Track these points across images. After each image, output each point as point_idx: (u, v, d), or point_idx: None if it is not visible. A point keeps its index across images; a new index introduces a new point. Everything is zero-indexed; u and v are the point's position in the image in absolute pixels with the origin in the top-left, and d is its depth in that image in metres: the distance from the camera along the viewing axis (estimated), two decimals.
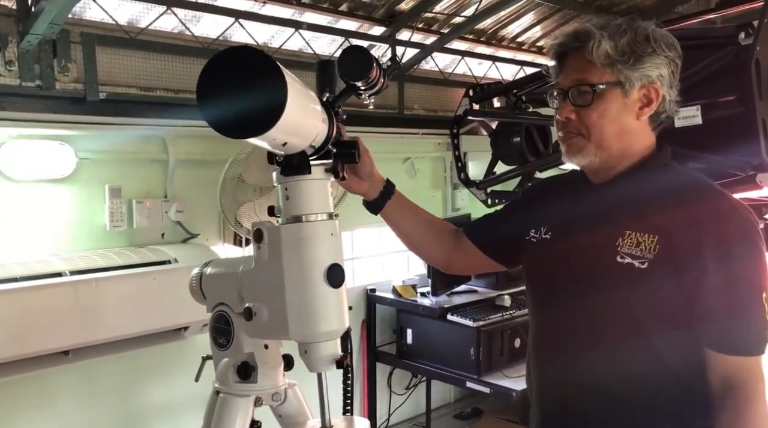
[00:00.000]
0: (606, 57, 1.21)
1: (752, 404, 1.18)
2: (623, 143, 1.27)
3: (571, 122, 1.27)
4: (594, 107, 1.24)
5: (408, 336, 3.34)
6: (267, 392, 1.43)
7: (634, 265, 1.21)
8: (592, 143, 1.26)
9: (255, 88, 1.07)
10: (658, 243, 1.20)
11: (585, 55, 1.23)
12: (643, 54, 1.21)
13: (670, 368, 1.24)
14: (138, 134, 2.58)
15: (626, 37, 1.21)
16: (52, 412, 2.41)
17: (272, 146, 1.18)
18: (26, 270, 2.13)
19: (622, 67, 1.21)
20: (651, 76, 1.22)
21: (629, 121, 1.25)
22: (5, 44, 2.12)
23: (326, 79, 1.36)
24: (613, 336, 1.26)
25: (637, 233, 1.22)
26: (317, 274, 1.23)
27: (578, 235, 1.32)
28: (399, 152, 3.69)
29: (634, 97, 1.24)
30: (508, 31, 3.83)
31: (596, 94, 1.23)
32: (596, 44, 1.21)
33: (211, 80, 1.10)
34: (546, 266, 1.40)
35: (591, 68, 1.23)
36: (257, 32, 2.83)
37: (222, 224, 2.86)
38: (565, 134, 1.30)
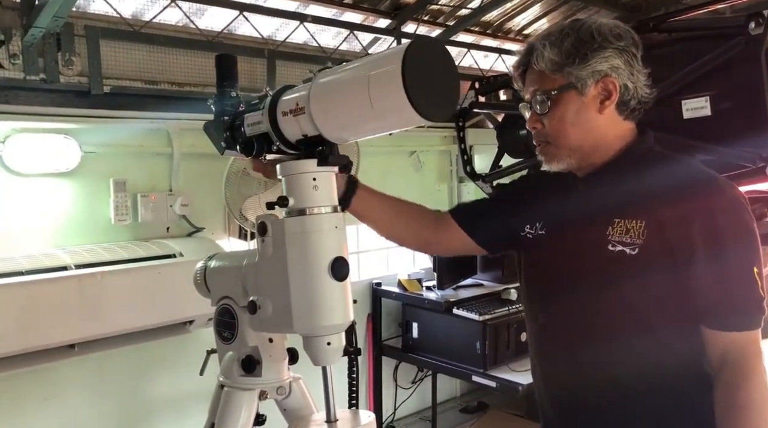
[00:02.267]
0: (552, 63, 1.26)
1: (748, 379, 1.19)
2: (593, 139, 1.30)
3: (538, 131, 1.32)
4: (552, 112, 1.28)
5: (414, 329, 3.33)
6: (271, 385, 1.43)
7: (625, 252, 1.24)
8: (560, 148, 1.30)
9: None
10: (645, 228, 1.23)
11: (534, 67, 1.29)
12: (588, 51, 1.24)
13: (673, 350, 1.25)
14: (142, 127, 2.58)
15: (569, 39, 1.25)
16: (58, 405, 2.41)
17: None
18: (32, 264, 2.13)
19: (570, 68, 1.25)
20: (602, 70, 1.25)
21: (592, 117, 1.28)
22: (9, 38, 2.11)
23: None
24: (614, 326, 1.28)
25: (625, 220, 1.25)
26: (321, 267, 1.22)
27: (570, 229, 1.34)
28: (404, 145, 3.67)
29: (591, 94, 1.26)
30: (515, 23, 3.81)
31: (551, 100, 1.27)
32: (539, 54, 1.27)
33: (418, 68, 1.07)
34: (544, 263, 1.41)
35: (543, 77, 1.28)
36: (262, 25, 2.82)
37: (227, 218, 2.86)
38: (538, 143, 1.34)
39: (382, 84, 1.07)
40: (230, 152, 1.40)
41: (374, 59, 1.13)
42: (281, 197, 1.26)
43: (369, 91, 1.08)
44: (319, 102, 1.18)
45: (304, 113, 1.19)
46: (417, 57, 1.05)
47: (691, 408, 1.28)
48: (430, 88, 1.08)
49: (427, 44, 1.13)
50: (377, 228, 1.56)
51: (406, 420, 3.73)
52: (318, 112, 1.18)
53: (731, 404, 1.19)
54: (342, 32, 3.12)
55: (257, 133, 1.30)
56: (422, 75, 1.05)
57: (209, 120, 1.44)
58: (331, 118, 1.19)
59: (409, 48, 1.05)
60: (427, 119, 1.07)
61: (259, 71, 2.79)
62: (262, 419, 1.45)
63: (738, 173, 1.87)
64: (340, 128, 1.21)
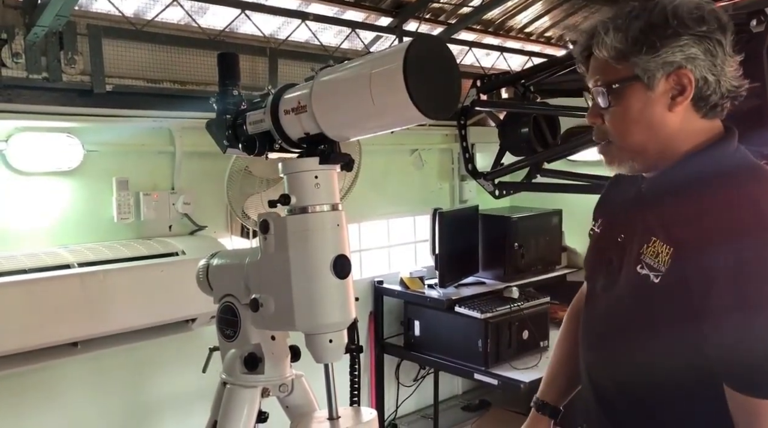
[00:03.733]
0: (615, 51, 1.09)
1: None
2: (660, 142, 1.12)
3: (598, 127, 1.17)
4: (615, 107, 1.12)
5: (416, 327, 3.34)
6: (274, 383, 1.44)
7: (649, 277, 1.11)
8: (621, 148, 1.15)
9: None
10: (671, 257, 1.07)
11: (597, 54, 1.13)
12: (660, 38, 1.06)
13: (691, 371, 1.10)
14: (145, 126, 2.59)
15: (638, 23, 1.08)
16: (62, 403, 2.42)
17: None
18: (35, 262, 2.14)
19: (636, 58, 1.08)
20: (675, 61, 1.06)
21: (661, 115, 1.10)
22: (12, 37, 2.11)
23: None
24: (635, 341, 1.18)
25: (660, 241, 1.10)
26: (323, 265, 1.23)
27: (617, 233, 1.22)
28: (406, 143, 3.67)
29: (660, 89, 1.08)
30: (516, 21, 3.80)
31: (613, 94, 1.11)
32: (601, 40, 1.10)
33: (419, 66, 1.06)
34: (590, 262, 1.34)
35: (606, 66, 1.12)
36: (264, 23, 2.82)
37: (229, 216, 2.86)
38: (598, 140, 1.19)
39: (384, 82, 1.07)
40: (232, 150, 1.41)
41: (376, 57, 1.14)
42: (283, 195, 1.26)
43: (371, 89, 1.09)
44: (321, 100, 1.18)
45: (306, 111, 1.20)
46: (419, 55, 1.05)
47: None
48: (432, 86, 1.08)
49: (429, 42, 1.14)
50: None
51: (408, 418, 3.74)
52: (320, 110, 1.18)
53: None
54: (344, 31, 3.12)
55: (259, 131, 1.31)
56: (424, 73, 1.06)
57: (211, 118, 1.45)
58: (333, 116, 1.19)
59: (410, 46, 1.05)
60: (429, 116, 1.08)
61: (261, 70, 2.79)
62: (265, 416, 1.46)
63: None
64: (342, 126, 1.21)
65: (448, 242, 3.18)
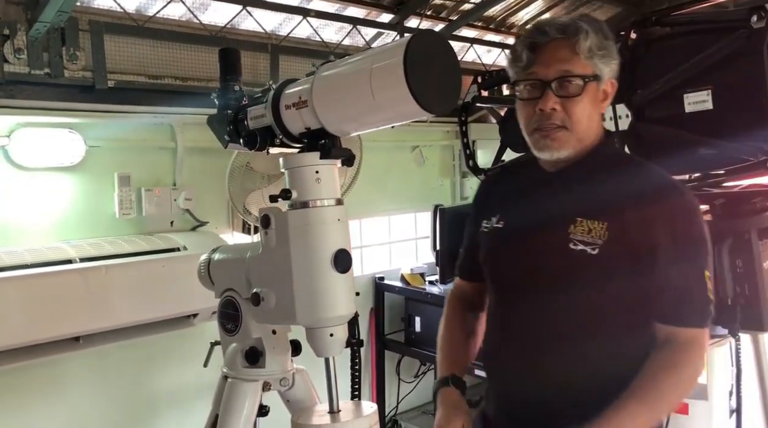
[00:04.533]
0: (589, 50, 1.24)
1: (686, 359, 1.23)
2: (591, 133, 1.31)
3: (556, 113, 1.26)
4: (580, 98, 1.26)
5: (416, 323, 3.34)
6: (275, 377, 1.44)
7: (586, 251, 1.24)
8: (573, 135, 1.28)
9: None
10: (607, 229, 1.23)
11: (570, 47, 1.24)
12: (610, 50, 1.28)
13: (626, 352, 1.27)
14: (146, 122, 2.59)
15: (601, 33, 1.27)
16: (64, 397, 2.43)
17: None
18: (37, 257, 2.15)
19: (598, 60, 1.26)
20: (614, 70, 1.30)
21: (597, 113, 1.32)
22: (14, 32, 2.12)
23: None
24: (571, 323, 1.28)
25: (588, 220, 1.25)
26: (324, 259, 1.23)
27: (531, 223, 1.34)
28: (407, 140, 3.68)
29: (601, 91, 1.29)
30: (517, 18, 3.80)
31: (585, 85, 1.25)
32: (585, 36, 1.24)
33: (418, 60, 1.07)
34: (501, 256, 1.40)
35: (575, 60, 1.25)
36: (265, 20, 2.83)
37: (230, 212, 2.87)
38: (546, 127, 1.27)
39: (384, 76, 1.08)
40: (234, 145, 1.41)
41: (376, 52, 1.14)
42: (284, 190, 1.27)
43: (371, 84, 1.09)
44: (322, 95, 1.19)
45: (306, 105, 1.21)
46: (419, 50, 1.06)
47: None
48: (432, 81, 1.08)
49: (430, 37, 1.14)
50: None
51: (408, 414, 3.75)
52: (320, 104, 1.19)
53: (665, 362, 1.22)
54: (345, 27, 3.12)
55: (260, 126, 1.31)
56: (424, 68, 1.06)
57: (213, 114, 1.45)
58: (334, 110, 1.20)
59: (411, 41, 1.06)
60: (429, 111, 1.08)
61: (262, 66, 2.80)
62: (266, 410, 1.47)
63: (740, 167, 1.88)
64: (343, 121, 1.22)
65: (449, 239, 3.18)
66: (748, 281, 1.99)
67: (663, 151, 1.90)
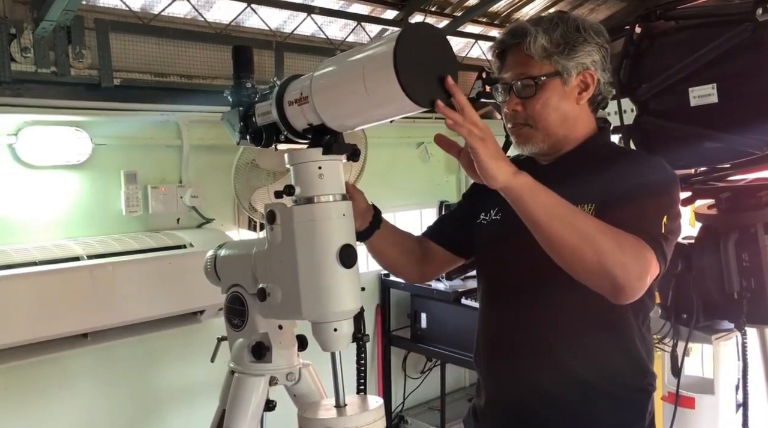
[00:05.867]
0: (542, 50, 1.30)
1: (631, 240, 1.15)
2: (567, 128, 1.35)
3: (518, 113, 1.35)
4: (537, 97, 1.32)
5: (422, 320, 3.35)
6: (281, 371, 1.45)
7: None
8: (539, 131, 1.34)
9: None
10: (595, 210, 1.26)
11: (523, 50, 1.31)
12: (575, 44, 1.31)
13: (620, 340, 1.32)
14: (152, 119, 2.61)
15: (559, 29, 1.30)
16: (72, 393, 2.45)
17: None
18: (45, 254, 2.16)
19: (558, 57, 1.30)
20: (585, 62, 1.32)
21: (570, 107, 1.34)
22: (21, 31, 2.13)
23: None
24: (565, 314, 1.32)
25: (577, 205, 1.25)
26: (330, 254, 1.23)
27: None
28: (412, 136, 3.68)
29: (572, 85, 1.33)
30: (522, 13, 3.79)
31: (538, 85, 1.31)
32: (533, 39, 1.30)
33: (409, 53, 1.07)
34: (497, 246, 1.43)
35: (530, 62, 1.31)
36: (270, 17, 2.83)
37: (236, 209, 2.88)
38: (514, 125, 1.38)
39: (375, 71, 1.08)
40: (245, 142, 1.42)
41: (369, 47, 1.14)
42: (288, 186, 1.27)
43: (364, 79, 1.10)
44: (320, 91, 1.19)
45: (307, 102, 1.21)
46: (410, 43, 1.06)
47: (633, 413, 1.36)
48: (425, 75, 1.08)
49: (422, 31, 1.14)
50: (383, 262, 1.61)
51: (415, 410, 3.76)
52: (319, 101, 1.19)
53: (619, 231, 1.16)
54: (349, 24, 3.13)
55: (267, 123, 1.32)
56: (416, 61, 1.06)
57: (226, 111, 1.46)
58: (332, 106, 1.20)
59: (401, 35, 1.06)
60: (421, 105, 1.08)
61: (267, 64, 2.81)
62: (273, 405, 1.48)
63: (745, 160, 1.88)
64: (341, 116, 1.22)
65: None
66: (754, 275, 1.99)
67: (668, 145, 1.90)
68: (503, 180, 1.15)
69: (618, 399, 1.35)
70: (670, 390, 2.20)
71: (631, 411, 1.37)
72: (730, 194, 2.04)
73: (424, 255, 1.59)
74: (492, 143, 1.16)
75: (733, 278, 2.00)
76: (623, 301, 1.17)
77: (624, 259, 1.13)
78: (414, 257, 1.59)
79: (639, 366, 1.37)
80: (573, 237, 1.14)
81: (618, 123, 1.98)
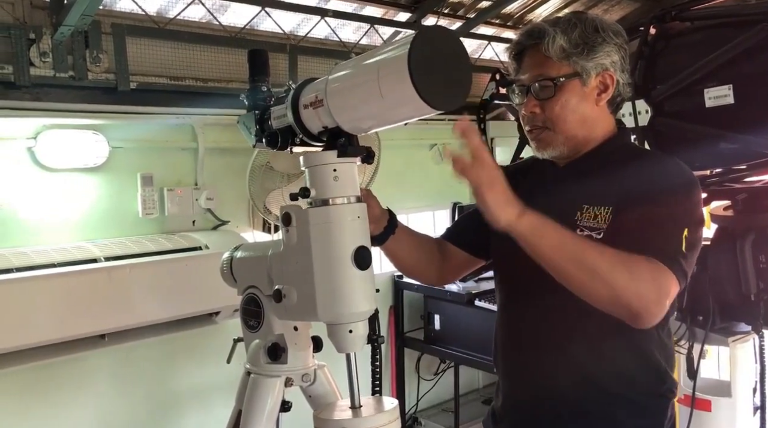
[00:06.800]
0: (561, 51, 1.28)
1: (643, 266, 1.12)
2: (586, 130, 1.34)
3: (536, 115, 1.33)
4: (556, 99, 1.30)
5: (436, 321, 3.35)
6: (297, 373, 1.46)
7: (591, 237, 1.26)
8: (558, 134, 1.33)
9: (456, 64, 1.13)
10: (612, 213, 1.25)
11: (542, 52, 1.30)
12: (594, 44, 1.29)
13: (637, 341, 1.30)
14: (168, 122, 2.63)
15: (577, 30, 1.28)
16: (90, 393, 2.48)
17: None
18: (64, 256, 2.19)
19: (577, 58, 1.28)
20: (604, 63, 1.30)
21: (589, 108, 1.32)
22: (40, 36, 2.16)
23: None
24: (582, 315, 1.27)
25: (594, 207, 1.28)
26: (345, 256, 1.24)
27: (542, 213, 1.33)
28: (425, 138, 3.68)
29: (591, 86, 1.31)
30: (535, 15, 3.78)
31: (557, 86, 1.29)
32: (551, 40, 1.28)
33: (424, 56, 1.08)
34: (514, 247, 1.39)
35: (549, 63, 1.30)
36: (283, 21, 2.85)
37: (251, 211, 2.90)
38: (532, 128, 1.36)
39: (390, 74, 1.08)
40: (261, 145, 1.43)
41: (383, 50, 1.15)
42: (303, 188, 1.28)
43: (379, 82, 1.10)
44: (335, 95, 1.20)
45: (322, 105, 1.22)
46: (424, 46, 1.06)
47: (652, 419, 1.34)
48: (439, 77, 1.08)
49: (436, 33, 1.14)
50: (400, 267, 1.61)
51: (428, 412, 3.76)
52: (334, 104, 1.20)
53: (631, 258, 1.13)
54: (363, 26, 3.14)
55: (282, 126, 1.33)
56: (431, 64, 1.06)
57: (243, 114, 1.47)
58: (346, 109, 1.21)
59: (416, 38, 1.06)
60: (436, 108, 1.09)
61: (281, 66, 2.82)
62: (288, 406, 1.48)
63: (762, 161, 1.87)
64: (356, 119, 1.23)
65: None
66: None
67: (683, 146, 1.89)
68: (506, 224, 1.15)
69: (636, 404, 1.33)
70: (686, 392, 2.19)
71: (650, 418, 1.35)
72: (747, 195, 2.03)
73: (444, 258, 1.58)
74: (499, 186, 1.15)
75: (750, 279, 1.99)
76: (644, 326, 1.16)
77: (639, 288, 1.12)
78: (433, 261, 1.58)
79: (658, 372, 1.34)
80: (583, 274, 1.13)
81: (632, 124, 1.98)
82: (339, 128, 1.23)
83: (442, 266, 1.59)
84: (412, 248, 1.55)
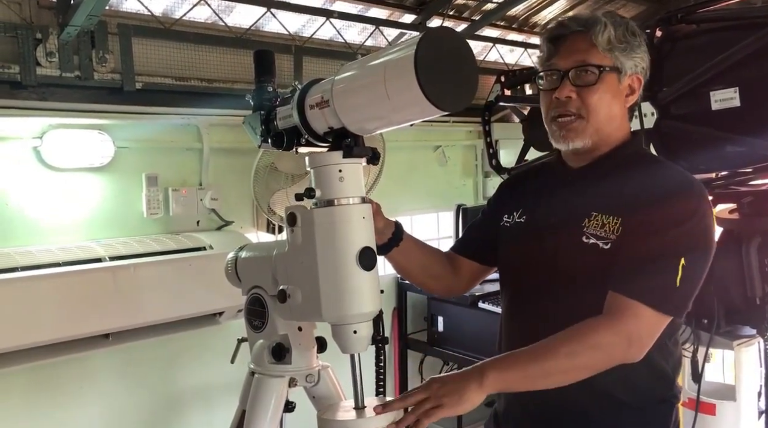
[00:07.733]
0: (608, 42, 1.27)
1: (608, 326, 1.17)
2: (611, 128, 1.32)
3: (572, 101, 1.29)
4: (596, 87, 1.28)
5: (439, 323, 3.34)
6: (301, 373, 1.46)
7: (598, 246, 1.25)
8: (590, 125, 1.30)
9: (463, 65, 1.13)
10: (621, 225, 1.24)
11: (588, 39, 1.28)
12: (633, 45, 1.29)
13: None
14: (173, 123, 2.64)
15: (621, 28, 1.28)
16: (94, 392, 2.48)
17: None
18: (68, 256, 2.19)
19: (619, 53, 1.28)
20: (639, 66, 1.31)
21: (618, 107, 1.32)
22: (46, 36, 2.17)
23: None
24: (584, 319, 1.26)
25: (603, 215, 1.26)
26: (349, 257, 1.24)
27: (550, 217, 1.35)
28: (429, 140, 3.68)
29: (624, 85, 1.30)
30: (540, 17, 3.78)
31: (600, 75, 1.27)
32: (602, 28, 1.26)
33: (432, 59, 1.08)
34: (519, 249, 1.42)
35: (593, 51, 1.28)
36: (289, 22, 2.86)
37: (255, 212, 2.90)
38: (562, 115, 1.31)
39: (396, 75, 1.09)
40: (266, 145, 1.43)
41: (389, 52, 1.15)
42: (308, 189, 1.28)
43: (385, 83, 1.10)
44: (341, 96, 1.20)
45: (328, 106, 1.22)
46: (431, 48, 1.06)
47: (655, 424, 1.34)
48: (446, 79, 1.08)
49: (442, 34, 1.14)
50: (408, 277, 1.61)
51: None
52: (340, 105, 1.20)
53: (585, 325, 1.18)
54: (368, 28, 3.14)
55: (288, 126, 1.33)
56: (436, 66, 1.07)
57: (248, 114, 1.47)
58: (352, 110, 1.21)
59: (422, 39, 1.06)
60: (442, 109, 1.09)
61: (286, 68, 2.83)
62: (292, 406, 1.49)
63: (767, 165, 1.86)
64: (362, 120, 1.23)
65: None
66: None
67: (689, 149, 1.89)
68: (478, 403, 1.17)
69: (640, 410, 1.32)
70: (690, 396, 2.18)
71: (654, 423, 1.34)
72: (752, 198, 2.02)
73: (455, 271, 1.57)
74: (450, 394, 1.18)
75: (756, 283, 1.98)
76: (635, 360, 1.20)
77: (606, 352, 1.17)
78: (443, 274, 1.57)
79: (664, 379, 1.33)
80: (558, 380, 1.19)
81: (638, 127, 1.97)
82: (345, 128, 1.24)
83: (452, 279, 1.58)
84: (420, 260, 1.54)
